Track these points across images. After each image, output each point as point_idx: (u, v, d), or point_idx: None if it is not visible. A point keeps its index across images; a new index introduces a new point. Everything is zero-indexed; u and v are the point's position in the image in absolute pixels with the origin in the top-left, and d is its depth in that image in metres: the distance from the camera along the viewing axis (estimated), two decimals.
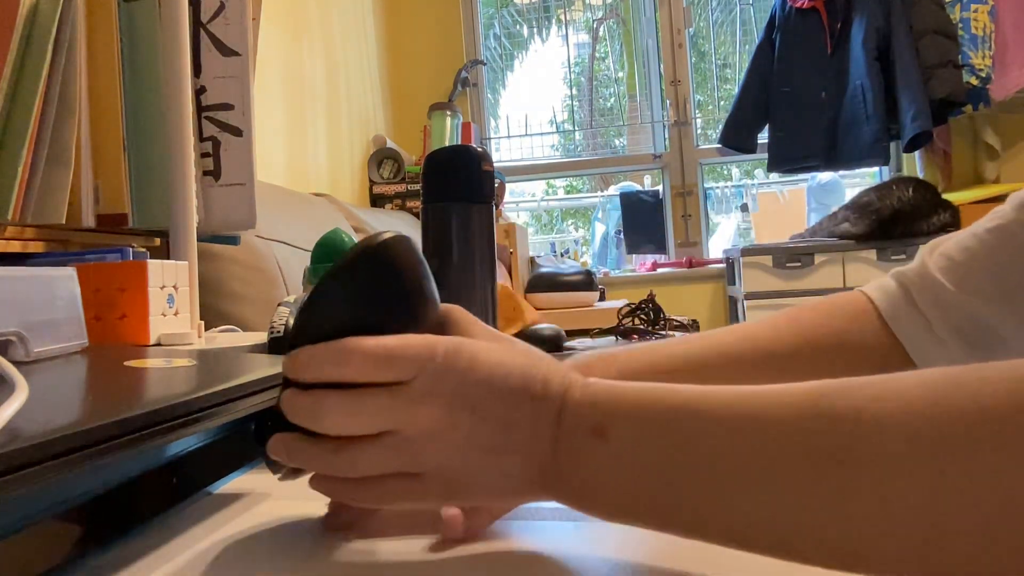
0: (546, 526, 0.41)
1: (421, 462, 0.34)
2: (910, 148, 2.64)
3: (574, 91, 3.73)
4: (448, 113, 2.69)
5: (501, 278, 2.18)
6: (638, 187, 3.75)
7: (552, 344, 0.90)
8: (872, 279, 0.58)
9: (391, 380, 0.34)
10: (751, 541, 0.30)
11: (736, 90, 2.99)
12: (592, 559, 0.36)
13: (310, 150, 2.29)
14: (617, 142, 3.67)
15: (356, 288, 0.36)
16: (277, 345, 0.60)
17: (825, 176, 3.37)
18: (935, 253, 0.55)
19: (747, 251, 2.64)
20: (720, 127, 2.97)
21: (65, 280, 0.56)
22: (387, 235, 0.36)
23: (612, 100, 4.03)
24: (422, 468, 0.34)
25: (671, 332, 0.90)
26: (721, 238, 3.84)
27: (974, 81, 2.54)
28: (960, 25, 2.56)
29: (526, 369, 0.35)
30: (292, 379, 0.36)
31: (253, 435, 0.40)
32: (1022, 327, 0.50)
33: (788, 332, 0.54)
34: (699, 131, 3.24)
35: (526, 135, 3.49)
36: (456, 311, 0.40)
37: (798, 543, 0.28)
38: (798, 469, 0.28)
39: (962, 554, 0.25)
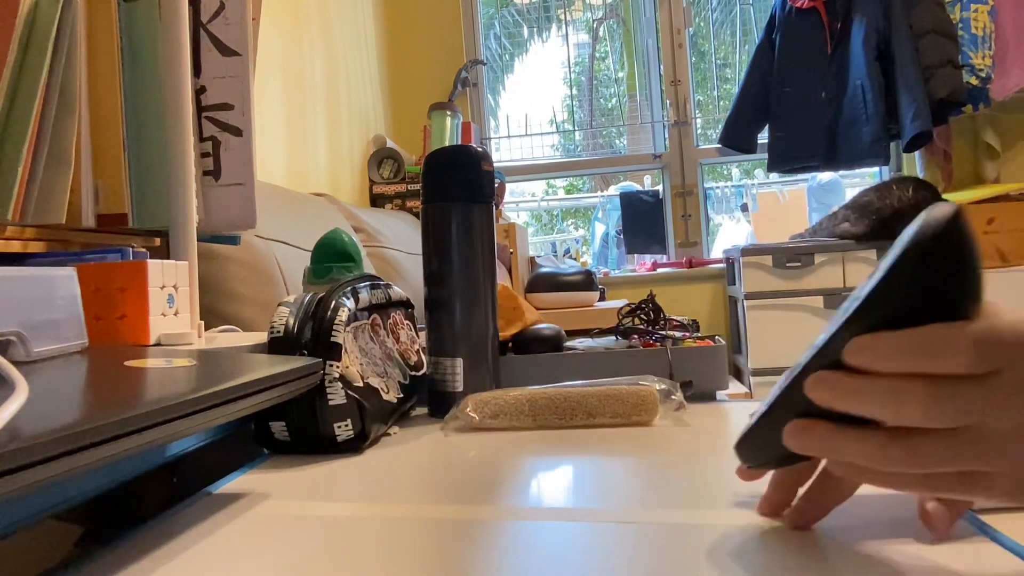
0: (546, 526, 0.41)
1: (996, 460, 0.31)
2: (910, 148, 2.64)
3: (574, 91, 3.73)
4: (448, 113, 2.69)
5: (501, 278, 2.18)
6: (638, 187, 3.75)
7: (552, 344, 0.91)
8: None
9: (983, 371, 0.31)
10: None
11: (736, 90, 2.99)
12: (592, 559, 0.36)
13: (310, 150, 2.29)
14: (617, 142, 3.67)
15: (934, 271, 0.32)
16: (277, 345, 0.60)
17: (825, 176, 3.37)
18: None
19: (747, 251, 2.64)
20: (720, 127, 2.97)
21: (65, 280, 0.56)
22: (948, 207, 0.32)
23: (612, 100, 4.03)
24: (993, 467, 0.32)
25: (671, 332, 0.90)
26: (725, 241, 3.83)
27: (974, 81, 2.54)
28: (960, 25, 2.56)
29: None
30: (850, 364, 0.33)
31: (253, 435, 0.40)
32: None
33: None
34: (699, 131, 3.24)
35: (526, 135, 3.49)
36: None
37: None
38: None
39: None
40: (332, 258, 0.86)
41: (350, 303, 0.64)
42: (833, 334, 0.34)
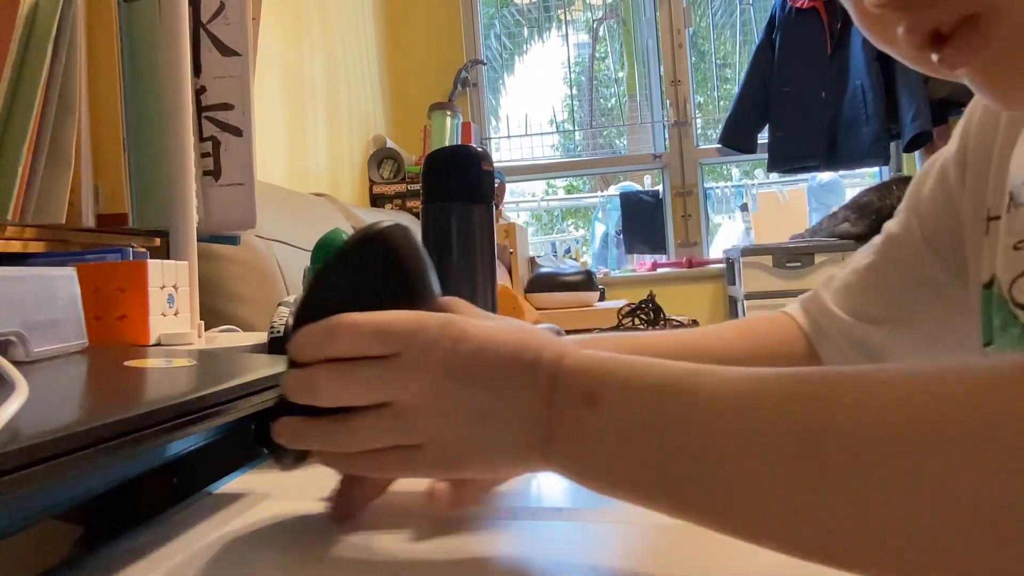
0: (546, 526, 0.41)
1: (417, 433, 0.35)
2: (910, 148, 2.64)
3: (574, 91, 3.73)
4: (448, 113, 2.69)
5: (501, 278, 2.18)
6: (638, 187, 3.74)
7: None
8: None
9: (383, 353, 0.35)
10: (729, 522, 0.29)
11: (736, 90, 2.99)
12: (592, 559, 0.36)
13: (310, 150, 2.29)
14: (617, 142, 3.67)
15: (354, 274, 0.37)
16: (277, 345, 0.60)
17: (825, 176, 3.37)
18: (830, 288, 0.64)
19: (747, 251, 2.64)
20: (720, 127, 2.97)
21: (65, 280, 0.56)
22: (385, 223, 0.37)
23: (612, 100, 4.03)
24: (419, 439, 0.35)
25: None
26: (725, 241, 3.83)
27: None
28: None
29: (519, 341, 0.35)
30: (295, 362, 0.37)
31: (253, 435, 0.40)
32: (904, 349, 0.59)
33: (747, 340, 0.63)
34: (699, 131, 3.25)
35: (526, 135, 3.49)
36: (457, 302, 0.41)
37: (771, 527, 0.28)
38: (777, 451, 0.28)
39: (934, 552, 0.24)
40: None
41: None
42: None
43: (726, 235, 3.89)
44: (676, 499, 0.31)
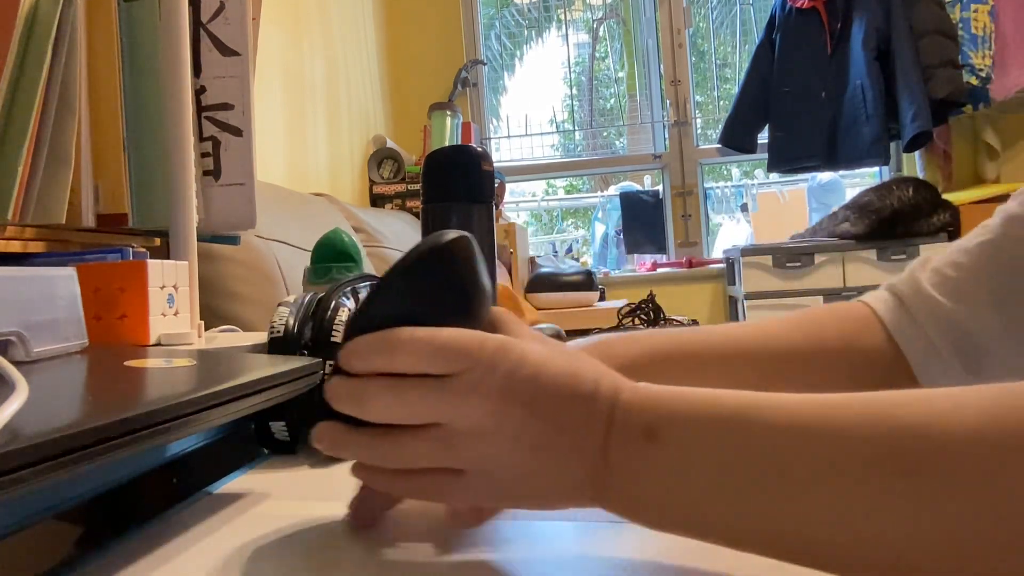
0: (546, 526, 0.41)
1: (465, 458, 0.34)
2: (910, 148, 2.64)
3: (574, 91, 3.73)
4: (448, 113, 2.69)
5: (501, 278, 2.18)
6: (638, 187, 3.74)
7: None
8: (872, 279, 0.60)
9: (440, 372, 0.34)
10: (802, 552, 0.29)
11: (736, 90, 2.98)
12: (591, 559, 0.36)
13: (310, 150, 2.29)
14: (617, 142, 3.67)
15: (418, 284, 0.36)
16: (277, 345, 0.60)
17: (825, 176, 3.37)
18: (927, 269, 0.56)
19: (747, 251, 2.64)
20: (720, 127, 2.97)
21: (65, 280, 0.56)
22: (451, 235, 0.36)
23: (612, 100, 4.03)
24: (466, 464, 0.34)
25: None
26: (728, 242, 3.83)
27: (974, 81, 2.54)
28: (960, 25, 2.56)
29: (575, 370, 0.34)
30: (343, 369, 0.36)
31: (254, 435, 0.40)
32: (1013, 342, 0.51)
33: (800, 332, 0.56)
34: (699, 131, 3.24)
35: (526, 135, 3.49)
36: (504, 313, 0.40)
37: (855, 555, 0.27)
38: (861, 479, 0.27)
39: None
40: (332, 258, 0.86)
41: (350, 303, 0.64)
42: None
43: (729, 236, 3.89)
44: (741, 533, 0.30)
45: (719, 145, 2.96)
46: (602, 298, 2.26)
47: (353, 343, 0.35)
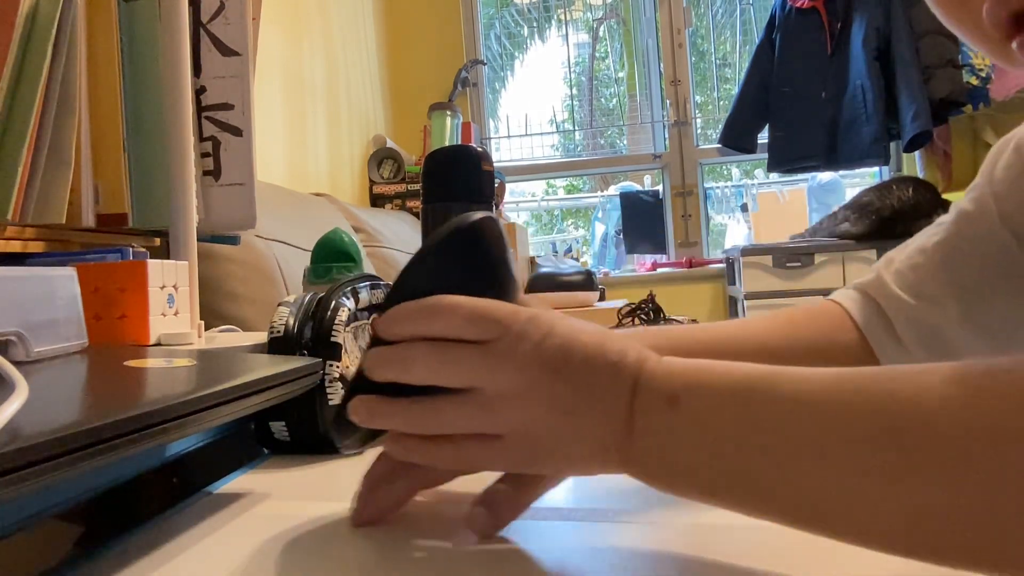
0: (546, 526, 0.41)
1: (503, 422, 0.35)
2: (910, 148, 2.64)
3: (574, 91, 3.73)
4: (448, 113, 2.69)
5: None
6: (638, 187, 3.74)
7: None
8: None
9: (476, 338, 0.35)
10: (815, 519, 0.30)
11: (736, 90, 2.98)
12: (592, 559, 0.36)
13: (310, 150, 2.29)
14: (617, 142, 3.67)
15: (450, 261, 0.38)
16: (277, 345, 0.60)
17: (825, 176, 3.37)
18: (891, 270, 0.59)
19: (747, 251, 2.64)
20: (720, 127, 2.97)
21: (65, 280, 0.56)
22: (480, 214, 0.38)
23: (612, 100, 4.03)
24: (503, 429, 0.35)
25: None
26: (730, 242, 3.83)
27: (974, 81, 2.54)
28: None
29: (601, 342, 0.36)
30: (381, 338, 0.37)
31: (254, 435, 0.40)
32: (972, 325, 0.55)
33: (778, 330, 0.59)
34: (699, 131, 3.24)
35: (526, 135, 3.49)
36: (530, 298, 0.41)
37: (870, 524, 0.28)
38: (877, 448, 0.28)
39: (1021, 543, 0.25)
40: (332, 258, 0.86)
41: (350, 303, 0.64)
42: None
43: (731, 236, 3.89)
44: (758, 498, 0.31)
45: (719, 145, 2.96)
46: (602, 298, 2.26)
47: (393, 310, 0.37)
